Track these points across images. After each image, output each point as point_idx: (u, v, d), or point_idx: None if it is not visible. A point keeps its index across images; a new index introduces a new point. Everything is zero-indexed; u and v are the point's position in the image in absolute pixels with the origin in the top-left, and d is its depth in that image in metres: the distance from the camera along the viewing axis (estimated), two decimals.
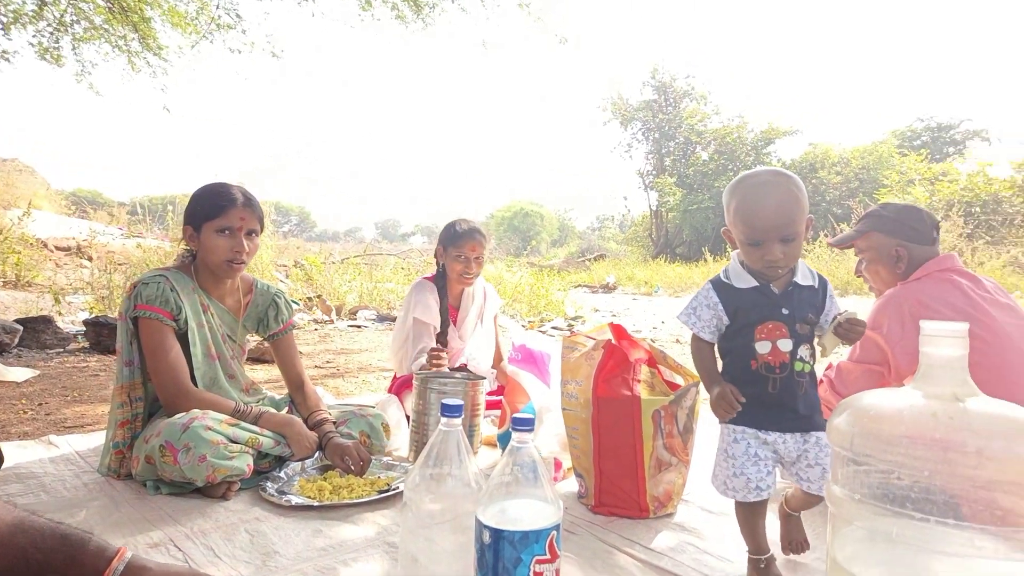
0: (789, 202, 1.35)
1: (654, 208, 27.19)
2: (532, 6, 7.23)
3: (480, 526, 1.06)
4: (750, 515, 1.41)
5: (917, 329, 0.98)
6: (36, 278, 7.25)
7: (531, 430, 1.09)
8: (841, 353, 2.02)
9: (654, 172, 27.64)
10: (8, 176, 12.25)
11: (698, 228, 24.15)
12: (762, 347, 1.38)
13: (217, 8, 7.40)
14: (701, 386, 1.88)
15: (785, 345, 1.37)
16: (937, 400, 0.91)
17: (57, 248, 9.38)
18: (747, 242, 1.38)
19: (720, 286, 1.44)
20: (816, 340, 1.43)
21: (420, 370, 2.40)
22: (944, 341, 0.94)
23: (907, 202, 2.13)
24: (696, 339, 1.47)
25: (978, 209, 13.99)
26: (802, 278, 1.43)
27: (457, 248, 2.78)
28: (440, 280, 2.87)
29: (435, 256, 2.91)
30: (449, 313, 2.86)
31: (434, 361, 2.48)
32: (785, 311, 1.39)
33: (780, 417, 1.38)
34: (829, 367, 2.09)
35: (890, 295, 1.92)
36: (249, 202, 2.07)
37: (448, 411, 1.17)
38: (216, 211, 2.02)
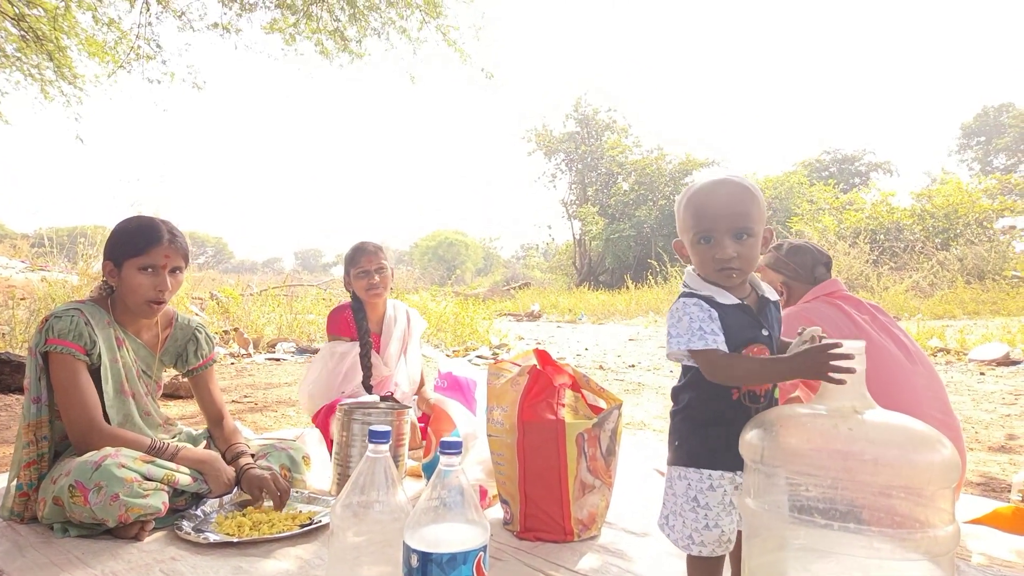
0: (742, 195, 1.24)
1: (577, 237, 27.75)
2: (458, 43, 7.35)
3: (408, 550, 1.05)
4: (714, 571, 1.26)
5: None
6: None
7: (459, 453, 1.10)
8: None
9: (577, 202, 28.27)
10: None
11: (620, 256, 24.79)
12: None
13: (137, 38, 7.20)
14: (623, 408, 1.94)
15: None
16: (838, 413, 0.98)
17: None
18: (697, 238, 1.25)
19: (706, 300, 1.24)
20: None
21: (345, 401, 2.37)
22: None
23: (802, 241, 2.30)
24: (717, 357, 1.19)
25: (882, 236, 15.04)
26: (768, 291, 1.32)
27: (356, 265, 2.82)
28: (356, 305, 2.88)
29: (344, 286, 2.94)
30: (371, 338, 2.85)
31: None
32: (765, 332, 1.25)
33: None
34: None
35: (786, 316, 2.08)
36: (174, 239, 2.00)
37: (376, 437, 1.16)
38: (139, 248, 1.95)
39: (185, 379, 2.25)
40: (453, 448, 1.09)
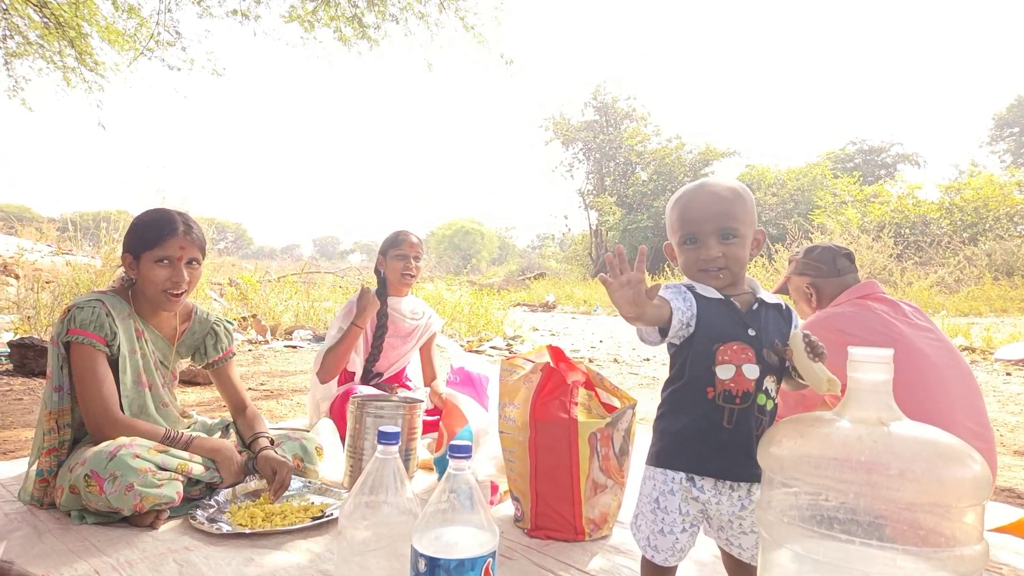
0: (728, 196, 1.23)
1: (594, 227, 27.65)
2: (476, 28, 7.30)
3: (416, 554, 1.04)
4: None
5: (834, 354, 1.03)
6: None
7: (468, 456, 1.08)
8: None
9: (594, 192, 28.15)
10: None
11: (637, 247, 24.44)
12: (724, 371, 1.18)
13: (157, 25, 7.23)
14: (636, 408, 1.91)
15: (751, 372, 1.18)
16: (863, 424, 0.95)
17: None
18: (682, 240, 1.25)
19: (689, 287, 1.23)
20: (788, 365, 1.22)
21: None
22: (870, 367, 0.97)
23: (822, 243, 2.28)
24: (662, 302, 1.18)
25: (907, 231, 14.78)
26: (767, 296, 1.28)
27: (397, 248, 2.89)
28: (381, 289, 2.95)
29: (376, 269, 3.00)
30: (388, 319, 2.92)
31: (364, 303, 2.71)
32: (751, 332, 1.20)
33: (728, 459, 1.17)
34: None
35: (809, 323, 2.03)
36: (190, 230, 2.00)
37: (385, 439, 1.14)
38: (155, 240, 1.96)
39: (207, 371, 2.27)
40: (462, 452, 1.07)
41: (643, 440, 1.72)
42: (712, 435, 1.18)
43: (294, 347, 6.71)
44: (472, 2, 7.26)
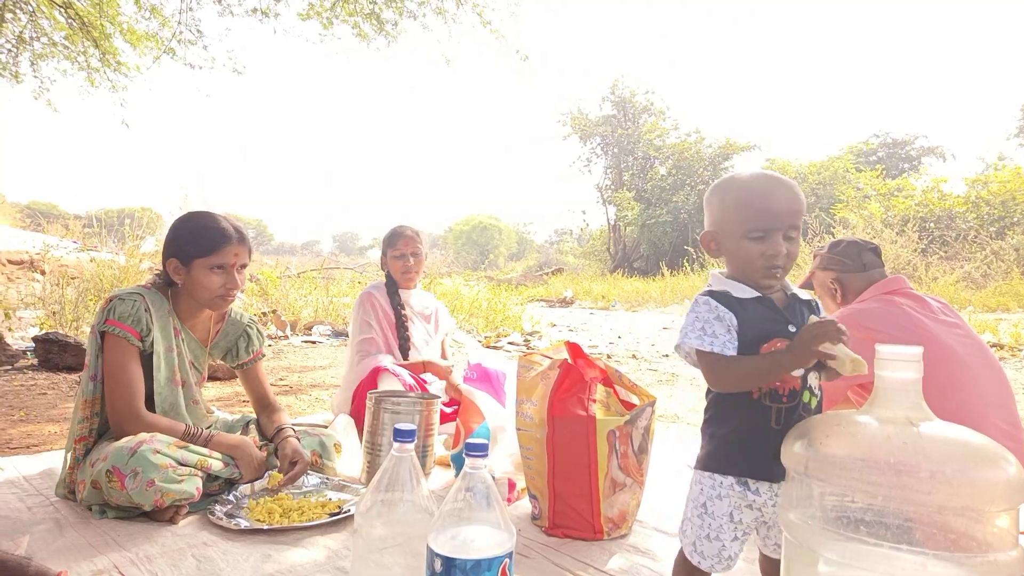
0: (798, 193, 1.19)
1: (612, 222, 27.51)
2: (494, 23, 7.27)
3: (432, 554, 1.03)
4: None
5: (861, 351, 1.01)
6: None
7: (485, 455, 1.07)
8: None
9: (612, 186, 28.00)
10: None
11: (655, 242, 24.50)
12: None
13: (178, 24, 7.30)
14: (656, 405, 1.89)
15: (796, 369, 1.15)
16: (891, 424, 0.92)
17: (10, 262, 9.03)
18: (750, 233, 1.17)
19: (719, 296, 1.18)
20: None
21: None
22: (899, 365, 0.94)
23: (847, 237, 2.24)
24: (717, 361, 1.14)
25: (932, 225, 14.50)
26: (799, 292, 1.25)
27: (393, 248, 2.99)
28: (391, 285, 3.04)
29: (381, 266, 3.10)
30: (405, 310, 3.01)
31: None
32: (792, 328, 1.16)
33: (779, 461, 1.10)
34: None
35: (838, 317, 1.98)
36: (242, 238, 2.04)
37: (401, 436, 1.13)
38: (209, 249, 1.98)
39: (235, 370, 2.32)
40: (479, 450, 1.05)
41: (661, 435, 1.70)
42: (761, 437, 1.14)
43: (313, 342, 6.75)
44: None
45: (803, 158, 24.91)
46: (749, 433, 1.15)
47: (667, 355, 6.32)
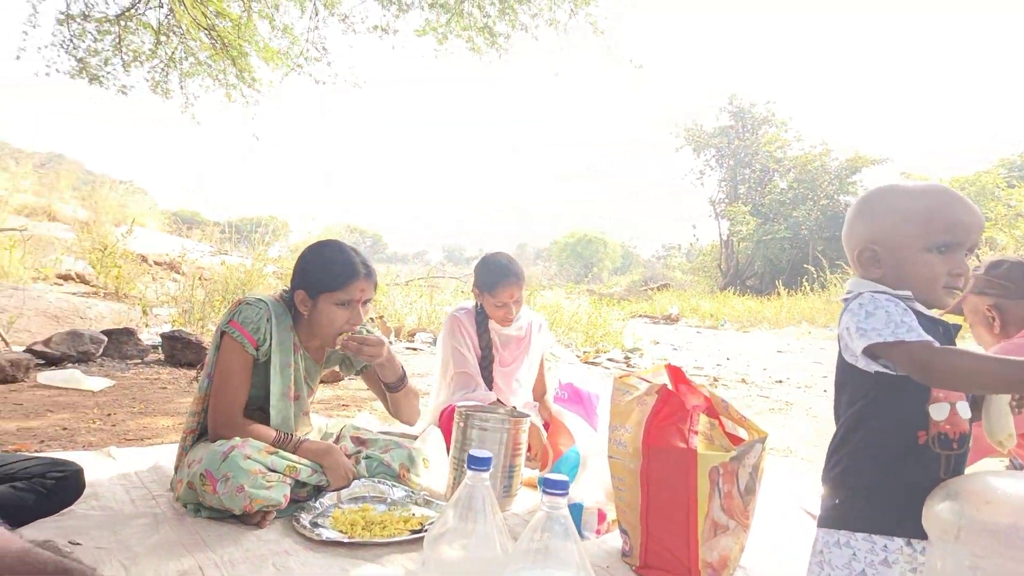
0: (979, 210, 1.09)
1: (724, 237, 26.50)
2: (605, 34, 7.18)
3: None
4: None
5: None
6: (131, 290, 7.63)
7: (565, 494, 0.96)
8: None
9: (727, 200, 27.00)
10: (122, 197, 13.14)
11: (772, 260, 23.34)
12: (938, 411, 1.01)
13: (306, 42, 7.74)
14: (767, 441, 1.70)
15: (964, 411, 1.02)
16: None
17: (156, 263, 9.88)
18: (935, 245, 1.05)
19: (901, 299, 1.04)
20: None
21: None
22: None
23: (1012, 256, 1.93)
24: (932, 350, 0.96)
25: None
26: (935, 315, 1.10)
27: (495, 296, 2.61)
28: (480, 317, 2.72)
29: (473, 294, 2.75)
30: (492, 348, 2.71)
31: None
32: None
33: None
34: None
35: (1000, 351, 1.72)
36: (369, 273, 2.04)
37: (475, 464, 1.05)
38: (338, 285, 1.98)
39: (347, 376, 2.36)
40: (559, 488, 0.95)
41: (770, 469, 1.52)
42: (928, 489, 0.97)
43: (415, 349, 6.86)
44: (603, 8, 7.16)
45: (944, 172, 22.90)
46: (919, 486, 0.97)
47: (780, 381, 5.92)
